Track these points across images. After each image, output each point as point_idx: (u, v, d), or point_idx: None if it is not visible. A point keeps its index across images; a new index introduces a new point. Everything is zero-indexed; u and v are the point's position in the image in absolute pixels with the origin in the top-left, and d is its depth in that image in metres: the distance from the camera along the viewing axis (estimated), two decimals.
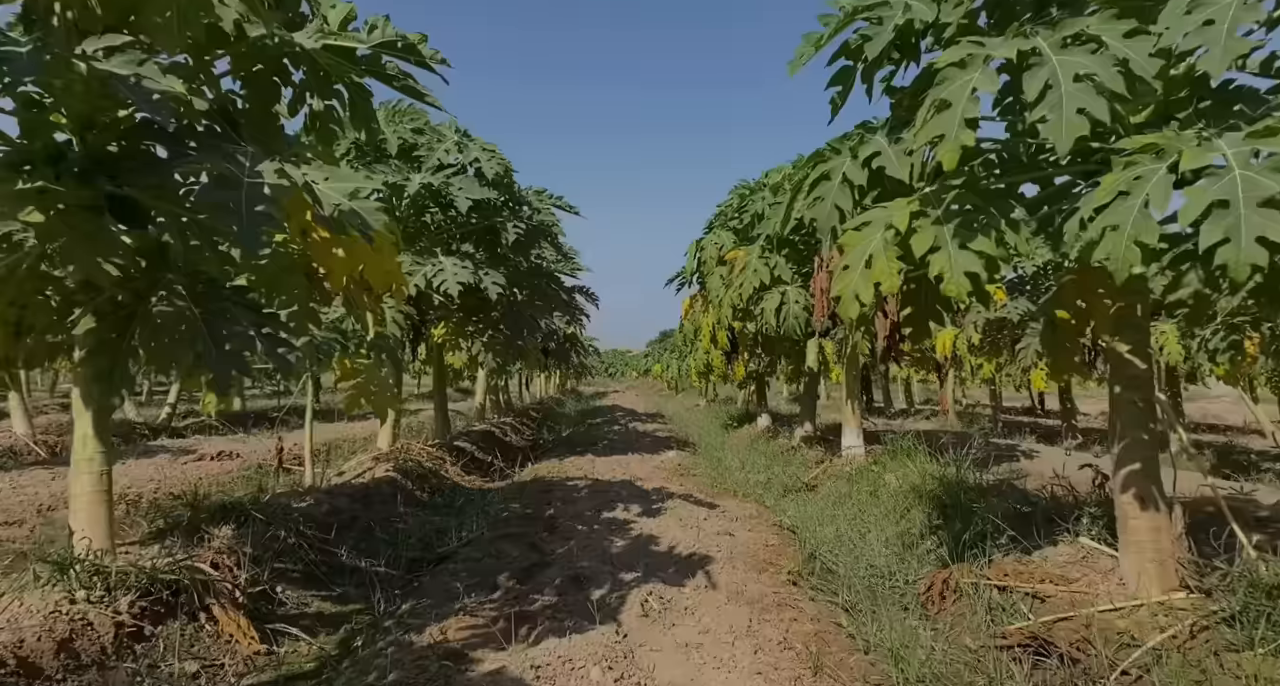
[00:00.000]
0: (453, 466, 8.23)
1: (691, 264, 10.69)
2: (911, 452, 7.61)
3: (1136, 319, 3.51)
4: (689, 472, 8.18)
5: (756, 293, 8.04)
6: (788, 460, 9.50)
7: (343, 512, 5.24)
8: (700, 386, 19.62)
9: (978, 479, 6.40)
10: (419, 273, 7.26)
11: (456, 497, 6.94)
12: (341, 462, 7.97)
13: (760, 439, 11.89)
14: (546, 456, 10.29)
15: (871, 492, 6.90)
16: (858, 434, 8.31)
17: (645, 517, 5.27)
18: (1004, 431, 14.45)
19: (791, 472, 8.58)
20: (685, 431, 14.28)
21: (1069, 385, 12.80)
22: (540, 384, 27.82)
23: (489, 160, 7.54)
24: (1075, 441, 12.45)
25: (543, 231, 8.04)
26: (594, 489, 6.64)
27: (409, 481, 6.79)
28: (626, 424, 15.19)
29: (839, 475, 7.85)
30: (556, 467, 8.25)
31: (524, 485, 7.20)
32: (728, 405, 20.23)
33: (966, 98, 2.82)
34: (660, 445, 10.86)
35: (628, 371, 58.97)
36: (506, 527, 5.16)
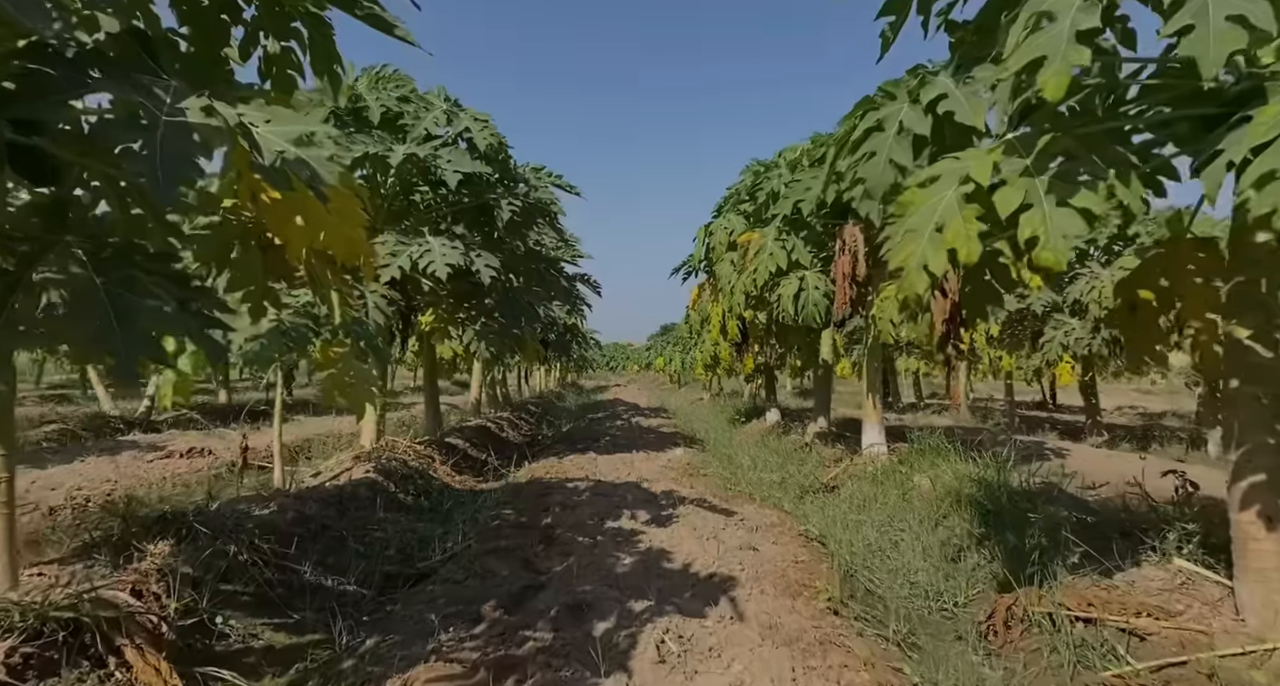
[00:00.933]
0: (442, 465, 7.61)
1: (700, 250, 10.05)
2: (941, 451, 7.00)
3: (1260, 297, 2.88)
4: (699, 472, 7.57)
5: (772, 278, 7.42)
6: (803, 458, 8.89)
7: (311, 520, 4.63)
8: (706, 380, 18.99)
9: (1021, 481, 5.78)
10: (404, 254, 6.63)
11: (444, 500, 6.32)
12: (322, 461, 7.36)
13: (770, 435, 11.27)
14: (545, 454, 9.67)
15: (901, 495, 6.29)
16: (879, 430, 7.69)
17: (654, 527, 4.65)
18: (1022, 427, 13.84)
19: (808, 472, 7.97)
20: (691, 426, 13.67)
21: (1094, 379, 12.17)
22: (540, 377, 27.22)
23: (480, 131, 6.91)
24: (1101, 437, 11.83)
25: (540, 210, 7.40)
26: (596, 491, 6.03)
27: (391, 483, 6.17)
28: (629, 419, 14.58)
29: (861, 475, 7.23)
30: (556, 467, 7.63)
31: (519, 487, 6.59)
32: (733, 399, 19.61)
33: (1077, 6, 2.20)
34: (666, 442, 10.24)
35: (629, 365, 58.39)
36: (497, 538, 4.54)
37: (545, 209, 7.44)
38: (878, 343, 7.81)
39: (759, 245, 7.40)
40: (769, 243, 7.36)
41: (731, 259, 8.86)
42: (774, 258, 7.27)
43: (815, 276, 7.26)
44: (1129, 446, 10.89)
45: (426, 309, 7.47)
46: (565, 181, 7.87)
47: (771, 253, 7.30)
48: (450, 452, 8.29)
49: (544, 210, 7.43)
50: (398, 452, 7.20)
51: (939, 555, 4.90)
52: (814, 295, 7.13)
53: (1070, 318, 11.16)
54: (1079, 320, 11.02)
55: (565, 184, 7.87)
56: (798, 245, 7.30)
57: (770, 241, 7.36)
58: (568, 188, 7.88)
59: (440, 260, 6.57)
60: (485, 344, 7.10)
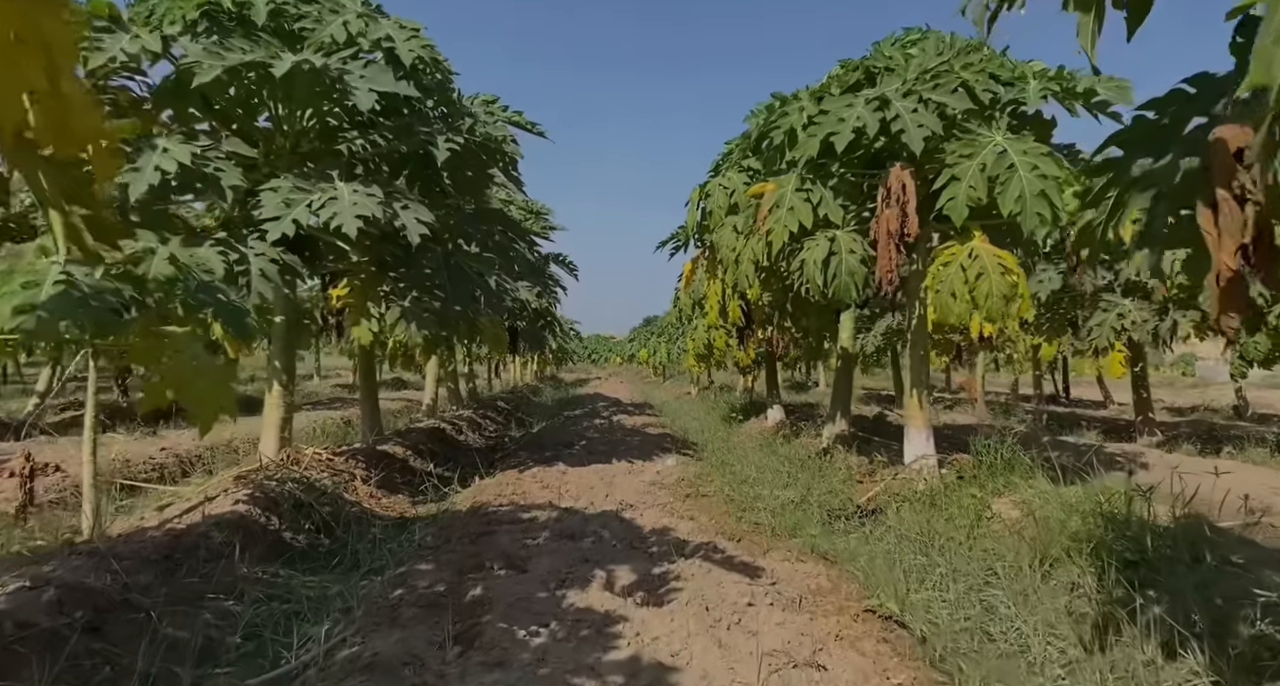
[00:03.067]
0: (365, 483, 5.87)
1: (693, 216, 8.33)
2: (1016, 464, 5.35)
3: None
4: (697, 492, 5.88)
5: (792, 241, 5.72)
6: (822, 468, 7.23)
7: (95, 598, 2.89)
8: (697, 371, 17.30)
9: (1151, 511, 4.14)
10: (300, 204, 4.88)
11: (356, 538, 4.59)
12: (200, 483, 5.58)
13: (774, 437, 9.61)
14: (507, 462, 7.95)
15: (975, 528, 4.64)
16: (928, 436, 6.03)
17: (645, 606, 2.96)
18: (1054, 425, 12.28)
19: (835, 488, 6.31)
20: (680, 426, 11.98)
21: (1144, 371, 10.60)
22: (516, 370, 25.43)
23: (406, 41, 5.15)
24: (1154, 438, 10.27)
25: (489, 149, 5.64)
26: (559, 530, 4.32)
27: (275, 516, 4.44)
28: (610, 417, 12.86)
29: (908, 495, 5.58)
30: (513, 485, 5.91)
31: (455, 520, 4.86)
32: (725, 394, 17.92)
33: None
34: (653, 446, 8.54)
35: (611, 357, 56.59)
36: (389, 629, 2.81)
37: (496, 148, 5.68)
38: (923, 324, 6.15)
39: (774, 198, 5.70)
40: (788, 194, 5.65)
41: (735, 224, 7.15)
42: (795, 214, 5.58)
43: (848, 237, 5.57)
44: (1192, 448, 9.33)
45: (336, 280, 5.72)
46: (525, 119, 6.12)
47: (792, 208, 5.60)
48: (381, 465, 6.55)
49: (494, 150, 5.68)
50: (302, 468, 5.46)
51: (1071, 634, 3.25)
52: (849, 261, 5.44)
53: (1123, 298, 9.58)
54: (1133, 300, 9.44)
55: (525, 121, 6.12)
56: (825, 197, 5.61)
57: (790, 193, 5.66)
58: (528, 126, 6.13)
59: (349, 212, 4.83)
60: (415, 325, 5.35)
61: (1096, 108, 5.33)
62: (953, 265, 5.25)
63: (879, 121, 5.21)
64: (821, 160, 5.75)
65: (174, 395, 3.31)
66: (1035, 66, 5.61)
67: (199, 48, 4.86)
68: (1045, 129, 5.76)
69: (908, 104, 5.25)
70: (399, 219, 5.06)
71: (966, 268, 5.18)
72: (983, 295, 5.06)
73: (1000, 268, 5.10)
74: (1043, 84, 5.32)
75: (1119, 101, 5.14)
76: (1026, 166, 4.96)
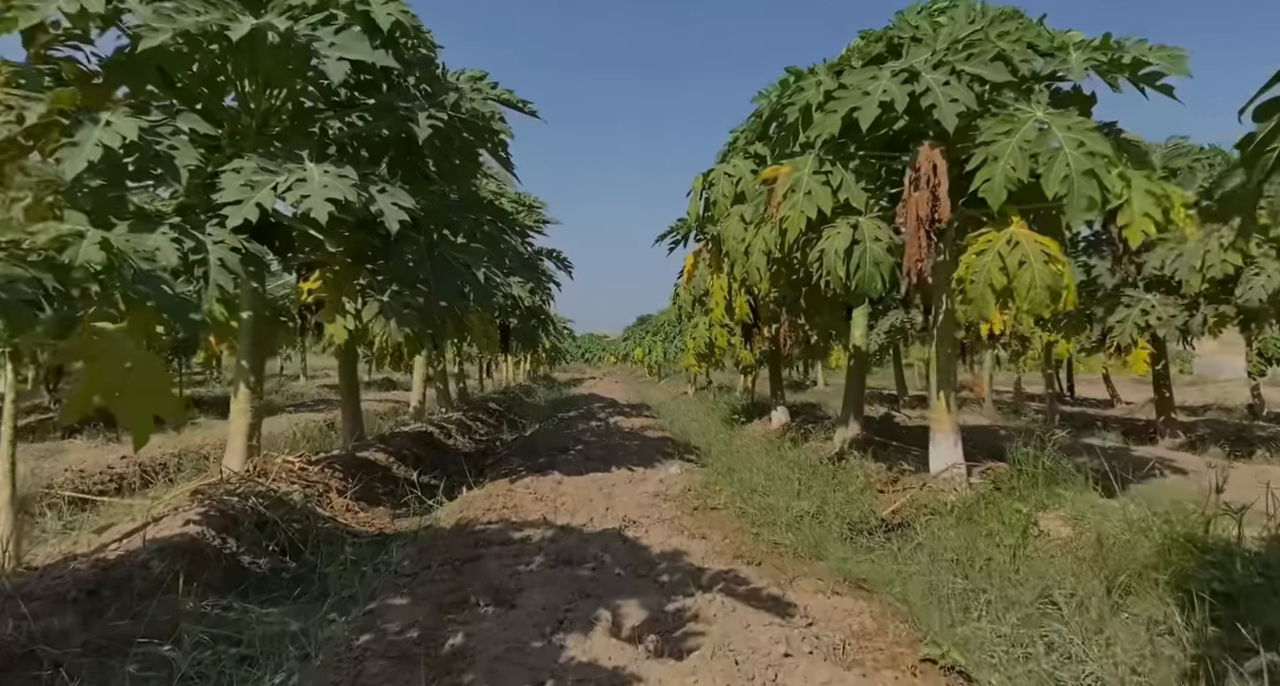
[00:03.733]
0: (342, 496, 5.34)
1: (695, 206, 7.80)
2: (1059, 474, 4.86)
3: None
4: (706, 505, 5.38)
5: (809, 229, 5.21)
6: (836, 476, 6.72)
7: None
8: (697, 370, 16.73)
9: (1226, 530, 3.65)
10: (265, 186, 4.35)
11: (327, 560, 4.07)
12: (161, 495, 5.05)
13: (780, 440, 9.11)
14: (499, 468, 7.42)
15: (1020, 547, 4.14)
16: (955, 443, 5.54)
17: (659, 659, 2.44)
18: (1068, 425, 11.81)
19: (854, 499, 5.81)
20: (680, 428, 11.46)
21: (1167, 368, 10.13)
22: (508, 370, 24.88)
23: (383, 4, 4.62)
24: (1177, 439, 9.81)
25: (476, 128, 5.12)
26: (555, 553, 3.79)
27: (233, 538, 3.91)
28: (607, 419, 12.34)
29: (938, 507, 5.09)
30: (504, 497, 5.38)
31: (439, 540, 4.33)
32: (724, 394, 17.41)
33: None
34: (654, 452, 8.03)
35: (605, 356, 56.00)
36: None
37: (484, 126, 5.16)
38: (950, 319, 5.65)
39: (789, 183, 5.19)
40: (805, 178, 5.15)
41: (742, 213, 6.65)
42: (813, 199, 5.07)
43: (872, 224, 5.06)
44: (1219, 450, 8.86)
45: (308, 272, 5.18)
46: (515, 96, 5.59)
47: (809, 192, 5.10)
48: (361, 474, 6.03)
49: (482, 128, 5.15)
50: (269, 481, 4.93)
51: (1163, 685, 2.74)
52: (874, 250, 4.93)
53: (1145, 292, 9.11)
54: (1157, 295, 8.97)
55: (516, 99, 5.59)
56: (846, 180, 5.10)
57: (807, 176, 5.15)
58: (519, 104, 5.60)
59: (319, 195, 4.31)
60: (395, 322, 4.82)
61: (1144, 80, 4.82)
62: (989, 253, 4.75)
63: (907, 95, 4.71)
64: (841, 140, 5.26)
65: (102, 401, 2.79)
66: (1074, 37, 5.12)
67: (149, 10, 4.33)
68: (1086, 105, 5.27)
69: (938, 76, 4.75)
70: (375, 204, 4.54)
71: (1005, 256, 4.68)
72: (1024, 286, 4.57)
73: (1043, 255, 4.61)
74: (1087, 54, 4.82)
75: (1173, 72, 4.64)
76: (1072, 143, 4.47)
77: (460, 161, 5.79)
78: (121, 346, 2.95)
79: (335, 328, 4.85)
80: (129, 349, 2.95)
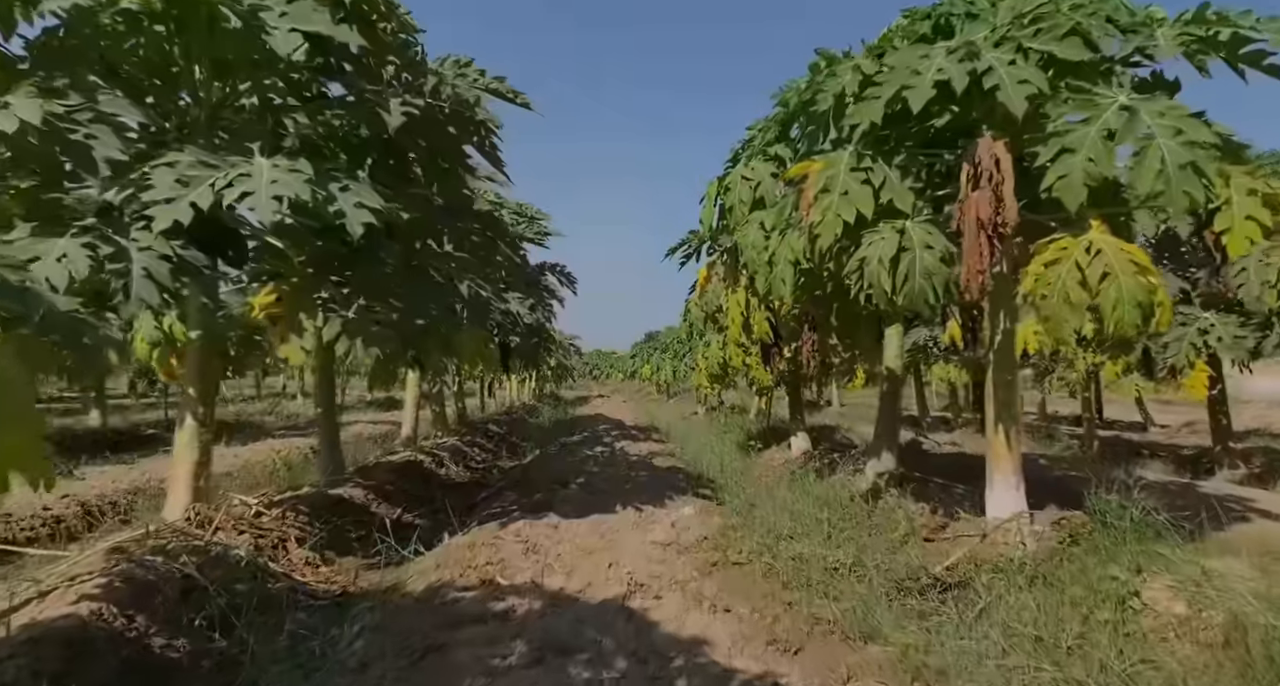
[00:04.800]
0: (302, 545, 4.59)
1: (710, 213, 7.08)
2: (1149, 528, 4.06)
3: None
4: (725, 558, 4.60)
5: (847, 233, 4.45)
6: (872, 518, 5.94)
7: None
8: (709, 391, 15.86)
9: None
10: (203, 183, 3.64)
11: (254, 641, 3.30)
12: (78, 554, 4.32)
13: (802, 470, 8.31)
14: (490, 504, 6.66)
15: (1119, 624, 3.35)
16: (1018, 485, 4.75)
17: None
18: (1109, 454, 10.98)
19: (897, 549, 5.03)
20: (690, 453, 10.64)
21: (1224, 392, 9.29)
22: (512, 388, 24.14)
23: None
24: (1236, 471, 8.96)
25: (461, 119, 4.40)
26: (542, 638, 3.02)
27: (144, 614, 3.15)
28: (613, 443, 11.55)
29: (1001, 565, 4.29)
30: (489, 549, 4.61)
31: (403, 611, 3.56)
32: (737, 415, 16.58)
33: None
34: (665, 486, 7.25)
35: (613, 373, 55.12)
36: None
37: (469, 117, 4.44)
38: (1010, 339, 4.89)
39: (821, 181, 4.44)
40: (840, 176, 4.40)
41: (762, 220, 5.91)
42: (850, 200, 4.32)
43: (922, 230, 4.30)
44: None
45: (260, 282, 4.46)
46: (507, 86, 4.88)
47: (845, 192, 4.35)
48: (331, 516, 5.28)
49: (466, 119, 4.43)
50: (210, 533, 4.18)
51: None
52: (925, 259, 4.17)
53: (1202, 310, 8.30)
54: (1217, 314, 8.16)
55: (507, 89, 4.87)
56: (890, 178, 4.35)
57: (843, 173, 4.41)
58: (511, 95, 4.89)
59: (265, 192, 3.59)
60: (362, 342, 4.08)
61: (1246, 60, 4.07)
62: (1063, 264, 3.98)
63: (967, 75, 3.97)
64: (884, 131, 4.52)
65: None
66: (1156, 12, 4.38)
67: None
68: (1171, 92, 4.53)
69: (1002, 54, 4.02)
70: (335, 203, 3.82)
71: (1084, 267, 3.91)
72: (1110, 302, 3.79)
73: (1131, 266, 3.84)
74: (1179, 30, 4.08)
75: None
76: (1167, 132, 3.72)
77: (446, 160, 5.09)
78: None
79: (290, 349, 4.13)
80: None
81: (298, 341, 4.12)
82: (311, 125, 4.38)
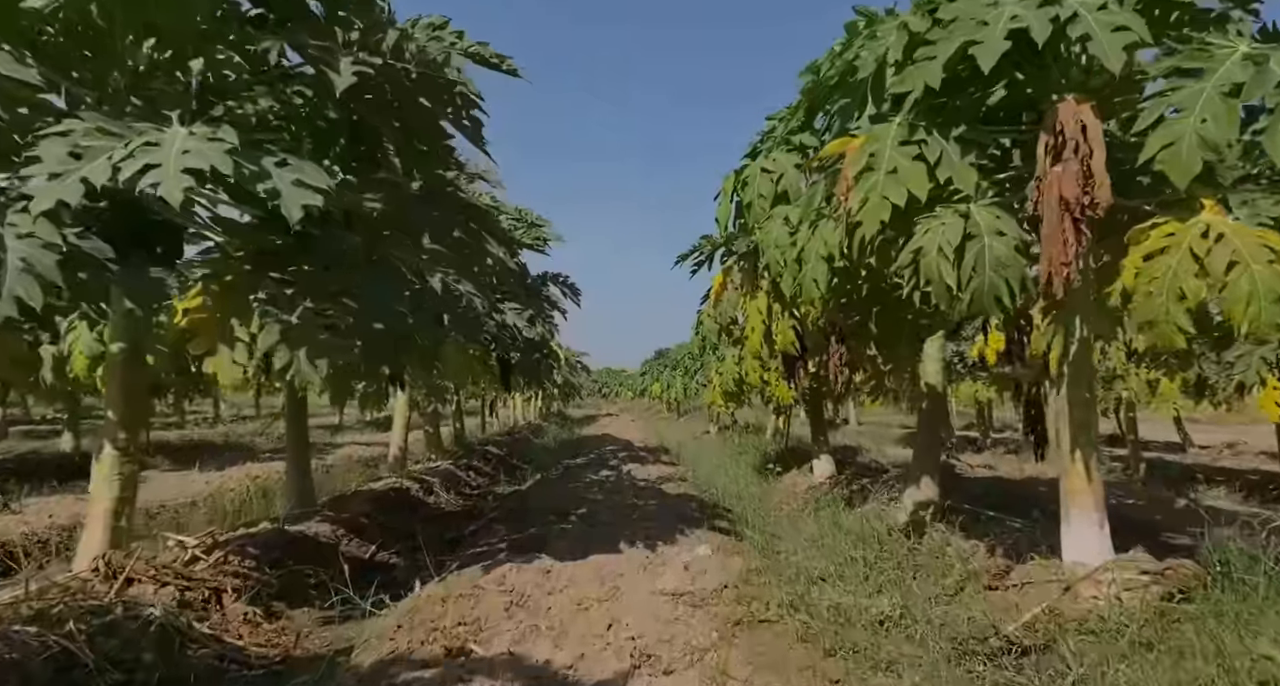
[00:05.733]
0: (240, 599, 3.81)
1: (726, 210, 6.32)
2: None
3: None
4: (753, 615, 3.79)
5: (892, 222, 3.68)
6: (915, 558, 5.12)
7: None
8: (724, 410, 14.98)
9: None
10: (97, 155, 2.92)
11: None
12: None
13: (827, 497, 7.49)
14: (478, 540, 5.87)
15: None
16: (1102, 525, 3.94)
17: None
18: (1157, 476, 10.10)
19: (953, 599, 4.21)
20: (703, 477, 9.82)
21: None
22: (518, 407, 23.37)
23: None
24: None
25: (430, 84, 3.67)
26: None
27: None
28: (621, 467, 10.75)
29: (1092, 625, 3.47)
30: (465, 602, 3.82)
31: None
32: (751, 435, 15.72)
33: None
34: (675, 517, 6.44)
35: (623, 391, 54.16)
36: None
37: (443, 83, 3.71)
38: (1087, 349, 4.09)
39: (862, 159, 3.68)
40: (887, 151, 3.64)
41: (787, 215, 5.17)
42: (899, 179, 3.56)
43: (989, 214, 3.53)
44: None
45: (181, 283, 3.70)
46: (491, 51, 4.15)
47: (894, 170, 3.58)
48: (287, 559, 4.52)
49: (439, 86, 3.71)
50: (113, 589, 3.41)
51: None
52: (996, 249, 3.40)
53: None
54: None
55: (491, 54, 4.14)
56: (947, 153, 3.58)
57: (890, 148, 3.64)
58: (495, 60, 4.15)
59: (174, 165, 2.86)
60: (306, 353, 3.33)
61: None
62: (1172, 253, 3.20)
63: (1049, 21, 3.22)
64: (940, 99, 3.75)
65: None
66: None
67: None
68: None
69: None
70: (269, 181, 3.08)
71: (1202, 255, 3.13)
72: (1241, 297, 3.00)
73: (1265, 251, 3.05)
74: None
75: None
76: None
77: (422, 141, 4.38)
78: None
79: (217, 362, 3.38)
80: None
81: (228, 354, 3.38)
82: (251, 94, 3.66)
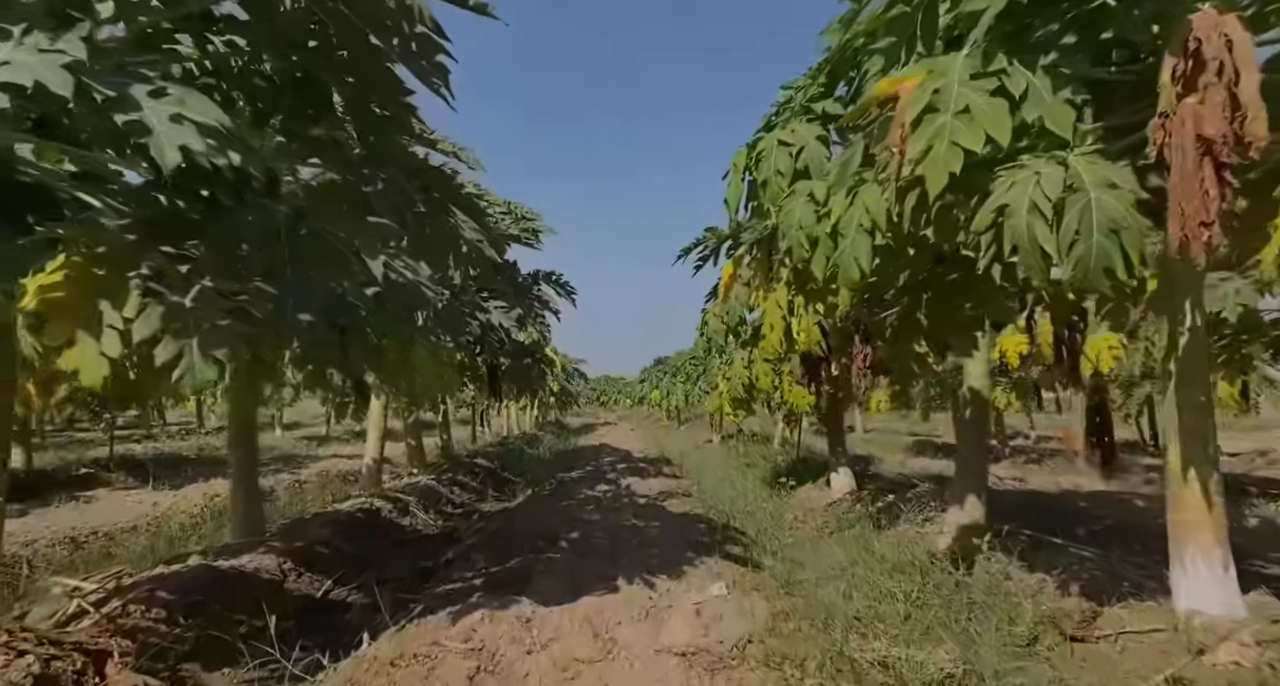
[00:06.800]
0: (129, 666, 2.97)
1: (737, 190, 5.49)
2: None
3: None
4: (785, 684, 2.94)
5: (960, 180, 2.85)
6: (968, 594, 4.28)
7: None
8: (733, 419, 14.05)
9: None
10: None
11: None
12: None
13: (850, 514, 6.66)
14: (449, 576, 5.01)
15: None
16: (1225, 565, 3.12)
17: None
18: None
19: (1016, 644, 3.40)
20: (710, 492, 8.95)
21: None
22: (512, 416, 22.50)
23: None
24: None
25: (377, 10, 2.86)
26: None
27: None
28: (619, 481, 9.89)
29: None
30: (418, 665, 2.98)
31: None
32: (757, 444, 14.83)
33: None
34: (680, 542, 5.60)
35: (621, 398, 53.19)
36: None
37: (389, 6, 2.91)
38: (1203, 341, 3.27)
39: (925, 96, 2.87)
40: (954, 87, 2.83)
41: (812, 191, 4.33)
42: (973, 121, 2.75)
43: (1092, 164, 2.72)
44: None
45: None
46: None
47: (965, 109, 2.77)
48: (214, 603, 3.67)
49: (386, 12, 2.90)
50: None
51: None
52: (1106, 205, 2.58)
53: None
54: None
55: None
56: (1034, 88, 2.77)
57: (958, 85, 2.83)
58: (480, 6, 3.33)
59: None
60: (199, 343, 2.51)
61: None
62: None
63: None
64: (1026, 20, 2.93)
65: None
66: None
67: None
68: None
69: None
70: (136, 112, 2.26)
71: None
72: None
73: None
74: None
75: None
76: None
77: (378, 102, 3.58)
78: None
79: (76, 355, 2.55)
80: None
81: (93, 345, 2.56)
82: (201, 56, 2.84)
